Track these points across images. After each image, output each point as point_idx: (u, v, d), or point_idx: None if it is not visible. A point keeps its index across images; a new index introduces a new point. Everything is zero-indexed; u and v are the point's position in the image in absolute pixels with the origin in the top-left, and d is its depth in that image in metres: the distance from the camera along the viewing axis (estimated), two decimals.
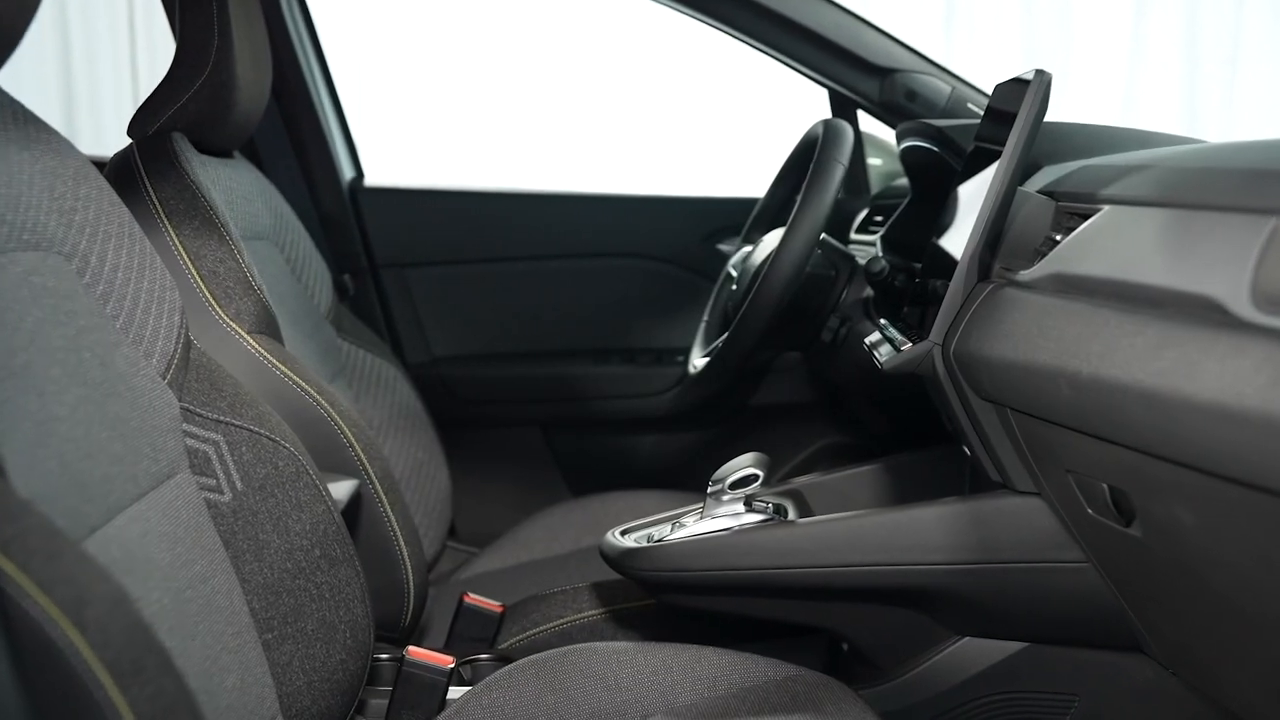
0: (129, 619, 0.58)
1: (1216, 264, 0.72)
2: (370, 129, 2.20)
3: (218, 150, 1.40)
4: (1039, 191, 1.06)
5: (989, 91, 1.68)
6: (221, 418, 0.94)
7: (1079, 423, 0.84)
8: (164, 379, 0.88)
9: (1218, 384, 0.67)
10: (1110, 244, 0.87)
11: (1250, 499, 0.67)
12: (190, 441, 0.90)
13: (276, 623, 0.92)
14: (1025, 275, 0.96)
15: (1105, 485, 0.87)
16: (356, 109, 2.12)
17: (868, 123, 1.89)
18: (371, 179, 2.09)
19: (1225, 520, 0.74)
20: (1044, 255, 0.96)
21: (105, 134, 3.32)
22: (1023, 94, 1.01)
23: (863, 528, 1.08)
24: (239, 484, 0.93)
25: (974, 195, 1.09)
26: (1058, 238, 0.96)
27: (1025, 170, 1.12)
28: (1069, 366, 0.82)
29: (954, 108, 1.67)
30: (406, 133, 3.01)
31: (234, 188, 1.38)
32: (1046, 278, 0.92)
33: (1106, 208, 0.91)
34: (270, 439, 0.97)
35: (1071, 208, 0.98)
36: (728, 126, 3.21)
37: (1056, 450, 0.92)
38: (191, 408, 0.91)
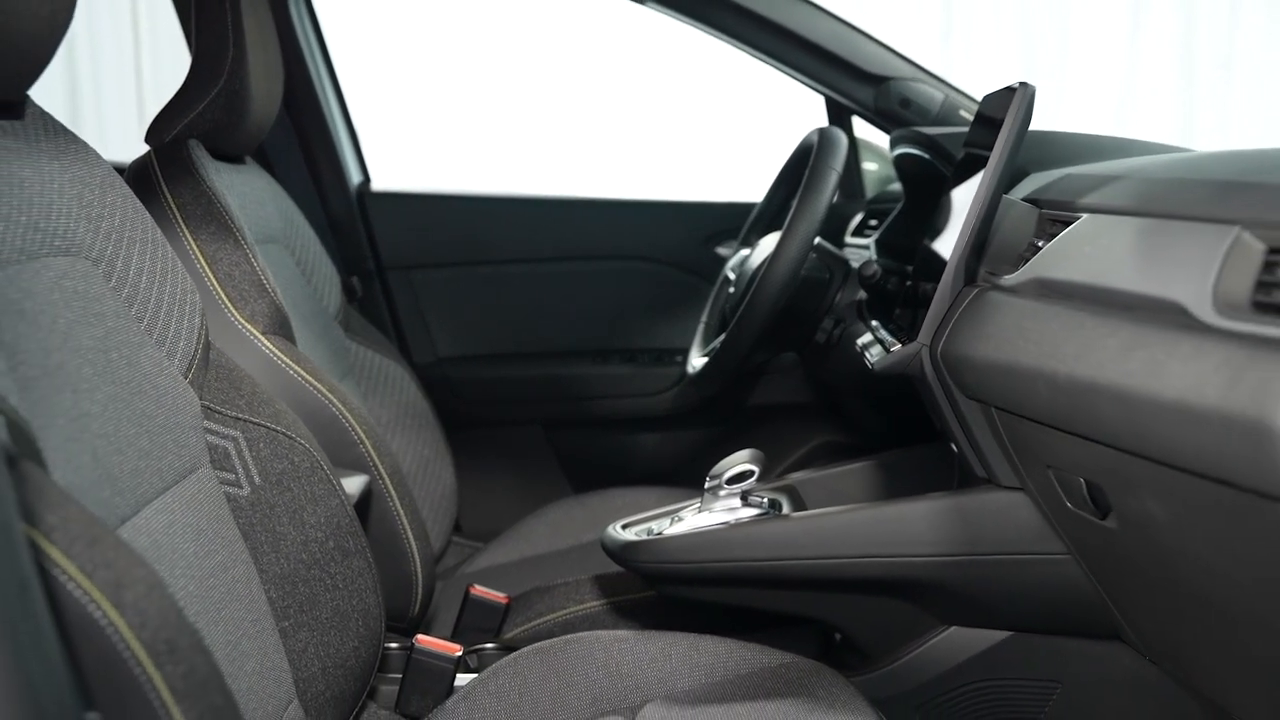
0: (163, 602, 0.61)
1: (1182, 271, 0.75)
2: (378, 135, 2.22)
3: (231, 156, 1.43)
4: (1024, 199, 1.08)
5: (980, 99, 1.73)
6: (240, 415, 0.96)
7: (1057, 420, 0.87)
8: (186, 378, 0.91)
9: (1181, 384, 0.70)
10: (1087, 250, 0.89)
11: (1213, 492, 0.70)
12: (211, 438, 0.93)
13: (293, 611, 0.95)
14: (1009, 280, 0.99)
15: (1083, 480, 0.90)
16: (364, 116, 2.15)
17: (863, 128, 1.92)
18: (378, 183, 2.11)
19: (1192, 513, 0.77)
20: (1027, 260, 0.98)
21: (108, 133, 3.35)
22: (1010, 103, 1.04)
23: (853, 522, 1.10)
24: (257, 478, 0.96)
25: (963, 201, 1.10)
26: (1040, 244, 0.98)
27: (1012, 177, 1.14)
28: (1047, 367, 0.85)
29: (946, 115, 1.70)
30: (413, 140, 3.04)
31: (247, 193, 1.41)
32: (1028, 282, 0.95)
33: (1085, 215, 0.94)
34: (286, 436, 1.00)
35: (1053, 215, 1.00)
36: (727, 133, 3.23)
37: (1037, 447, 0.95)
38: (212, 405, 0.94)
